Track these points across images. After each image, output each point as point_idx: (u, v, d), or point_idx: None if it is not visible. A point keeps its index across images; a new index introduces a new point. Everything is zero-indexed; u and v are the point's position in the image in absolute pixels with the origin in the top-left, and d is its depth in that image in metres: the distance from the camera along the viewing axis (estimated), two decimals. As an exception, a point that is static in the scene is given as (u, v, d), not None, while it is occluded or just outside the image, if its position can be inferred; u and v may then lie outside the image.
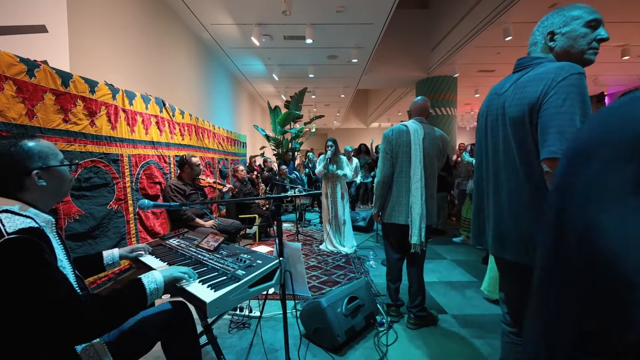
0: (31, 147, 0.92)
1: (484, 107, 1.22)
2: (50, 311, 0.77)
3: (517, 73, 1.10)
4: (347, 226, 4.04)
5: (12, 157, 0.89)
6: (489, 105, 1.18)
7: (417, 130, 2.03)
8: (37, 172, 0.92)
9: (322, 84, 8.86)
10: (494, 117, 1.13)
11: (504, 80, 1.16)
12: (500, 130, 1.10)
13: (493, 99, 1.16)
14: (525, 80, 1.02)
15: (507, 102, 1.06)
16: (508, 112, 1.05)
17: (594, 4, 1.06)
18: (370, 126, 17.34)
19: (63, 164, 1.00)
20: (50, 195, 0.97)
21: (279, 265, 1.35)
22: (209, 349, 1.52)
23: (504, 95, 1.09)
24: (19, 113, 1.61)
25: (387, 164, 2.09)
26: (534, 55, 1.08)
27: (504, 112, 1.08)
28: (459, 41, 5.87)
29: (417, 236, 1.98)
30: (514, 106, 1.03)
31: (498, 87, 1.16)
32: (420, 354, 1.88)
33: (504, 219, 1.10)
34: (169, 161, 3.12)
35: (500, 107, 1.10)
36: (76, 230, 1.94)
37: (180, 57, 4.87)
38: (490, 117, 1.16)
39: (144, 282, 1.00)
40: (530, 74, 1.02)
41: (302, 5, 4.47)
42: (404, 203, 2.05)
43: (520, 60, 1.11)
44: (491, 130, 1.15)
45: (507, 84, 1.11)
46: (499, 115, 1.11)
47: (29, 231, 0.81)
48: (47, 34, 2.17)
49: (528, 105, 0.98)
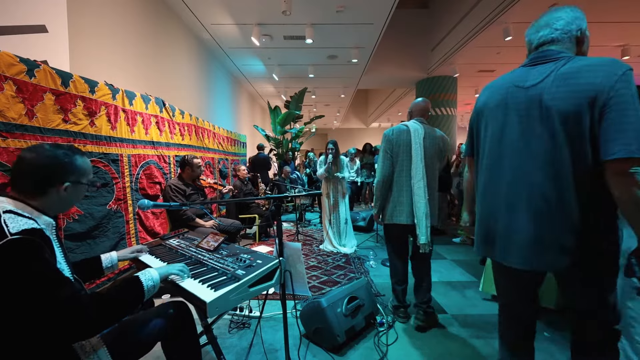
0: (79, 163, 1.00)
1: (497, 100, 1.10)
2: (52, 309, 0.78)
3: (544, 65, 1.00)
4: (348, 226, 4.05)
5: (63, 166, 0.96)
6: (507, 98, 1.06)
7: (417, 129, 2.03)
8: (68, 184, 0.97)
9: (322, 84, 8.86)
10: (522, 112, 1.01)
11: (521, 72, 1.06)
12: (536, 127, 0.98)
13: (513, 91, 1.04)
14: (572, 71, 0.93)
15: (548, 95, 0.95)
16: (554, 105, 0.93)
17: (595, 4, 1.06)
18: (370, 126, 17.34)
19: (90, 183, 1.05)
20: (61, 205, 1.01)
21: (279, 265, 1.35)
22: (209, 349, 1.52)
23: (538, 87, 0.98)
24: (18, 113, 1.61)
25: (387, 163, 2.08)
26: (558, 50, 1.01)
27: (542, 105, 0.96)
28: (459, 41, 5.87)
29: (424, 236, 1.97)
30: (563, 99, 0.92)
31: (517, 79, 1.05)
32: (420, 354, 1.88)
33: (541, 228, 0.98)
34: (168, 161, 3.11)
35: (533, 101, 0.99)
36: (75, 230, 1.93)
37: (181, 57, 4.87)
38: (513, 112, 1.03)
39: (141, 280, 1.03)
40: (575, 64, 0.94)
41: (302, 5, 4.47)
42: (404, 202, 2.04)
43: (543, 51, 1.03)
44: (517, 126, 1.03)
45: (535, 76, 1.00)
46: (532, 109, 0.99)
47: (31, 232, 0.83)
48: (47, 34, 2.17)
49: (587, 99, 0.88)
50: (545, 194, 0.97)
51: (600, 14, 4.73)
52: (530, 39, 1.09)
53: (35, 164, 0.93)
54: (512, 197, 1.05)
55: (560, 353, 1.81)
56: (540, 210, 0.98)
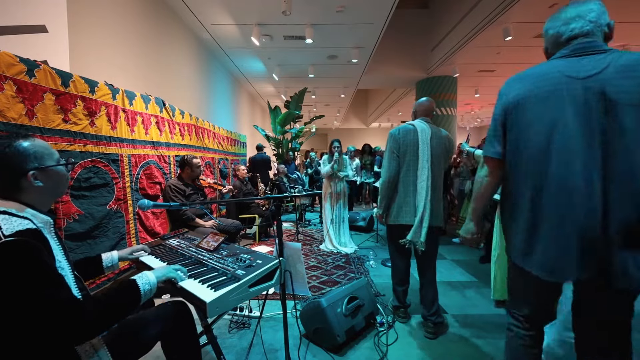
0: (26, 147, 0.91)
1: (546, 92, 0.98)
2: (48, 312, 0.77)
3: (594, 55, 0.95)
4: (345, 225, 4.06)
5: (7, 158, 0.88)
6: (561, 89, 0.96)
7: (424, 129, 2.00)
8: (33, 172, 0.91)
9: (322, 84, 8.86)
10: (580, 106, 0.93)
11: (567, 62, 0.98)
12: (602, 119, 0.90)
13: (567, 82, 0.95)
14: (632, 63, 0.89)
15: (612, 87, 0.89)
16: (621, 98, 0.88)
17: (595, 4, 1.05)
18: (370, 126, 17.34)
19: (59, 163, 0.99)
20: (47, 195, 0.97)
21: (279, 265, 1.35)
22: (209, 349, 1.52)
23: (598, 79, 0.91)
24: (18, 113, 1.61)
25: (394, 163, 2.04)
26: (599, 42, 0.97)
27: (606, 97, 0.90)
28: (459, 41, 5.87)
29: (414, 233, 1.93)
30: (631, 92, 0.87)
31: (567, 70, 0.96)
32: (420, 354, 1.88)
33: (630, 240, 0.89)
34: (168, 161, 3.11)
35: (592, 93, 0.91)
36: (75, 230, 1.94)
37: (181, 57, 4.87)
38: (571, 105, 0.94)
39: (138, 284, 1.02)
40: (632, 57, 0.90)
41: (302, 5, 4.47)
42: (411, 203, 1.99)
43: (586, 43, 0.97)
44: (579, 121, 0.93)
45: (588, 67, 0.93)
46: (592, 101, 0.91)
47: (26, 233, 0.81)
48: (47, 34, 2.17)
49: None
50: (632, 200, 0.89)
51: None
52: (559, 31, 1.02)
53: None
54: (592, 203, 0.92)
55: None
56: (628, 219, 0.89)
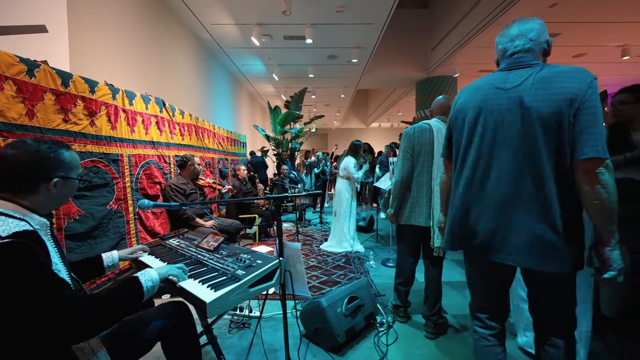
0: (65, 157, 0.96)
1: (477, 101, 1.14)
2: (47, 313, 0.77)
3: (521, 70, 1.07)
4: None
5: (48, 162, 0.93)
6: (486, 99, 1.11)
7: (440, 129, 1.94)
8: (57, 180, 0.94)
9: (322, 84, 8.86)
10: (502, 112, 1.07)
11: (500, 75, 1.11)
12: (517, 127, 1.04)
13: (494, 93, 1.10)
14: (549, 76, 1.00)
15: (529, 97, 1.01)
16: (534, 107, 1.00)
17: (595, 5, 1.06)
18: (370, 126, 17.34)
19: (78, 178, 1.03)
20: (53, 202, 0.99)
21: (279, 265, 1.35)
22: (209, 349, 1.52)
23: (518, 90, 1.04)
24: (19, 113, 1.61)
25: (408, 163, 2.00)
26: (532, 57, 1.09)
27: (523, 106, 1.02)
28: (459, 41, 5.87)
29: (440, 239, 1.86)
30: (543, 101, 0.99)
31: (496, 82, 1.11)
32: (420, 354, 1.88)
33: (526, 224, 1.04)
34: (169, 161, 3.11)
35: (513, 102, 1.05)
36: (76, 230, 1.93)
37: (181, 57, 4.87)
38: (493, 112, 1.09)
39: (141, 280, 1.02)
40: (551, 70, 1.01)
41: (302, 5, 4.47)
42: (423, 204, 1.96)
43: (519, 58, 1.10)
44: (496, 126, 1.09)
45: (513, 80, 1.07)
46: (512, 110, 1.05)
47: (23, 234, 0.81)
48: (47, 34, 2.17)
49: (564, 101, 0.96)
50: (531, 193, 1.03)
51: (600, 14, 4.73)
52: (505, 47, 1.15)
53: (19, 161, 0.89)
54: (501, 197, 1.09)
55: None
56: (529, 209, 1.03)
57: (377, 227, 4.79)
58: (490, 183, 1.11)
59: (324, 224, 5.58)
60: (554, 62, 1.07)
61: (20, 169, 0.89)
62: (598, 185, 0.93)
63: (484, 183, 1.13)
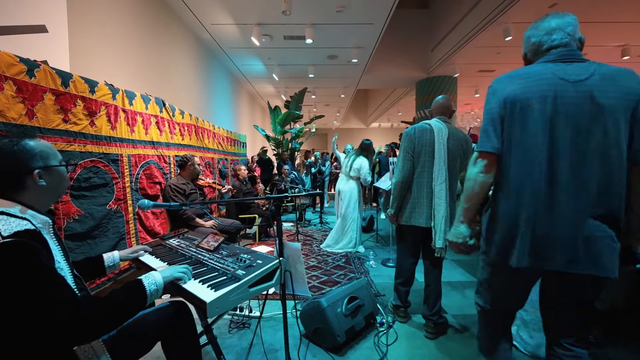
0: (33, 146, 0.93)
1: (543, 91, 1.01)
2: (48, 313, 0.76)
3: (579, 63, 1.02)
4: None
5: (15, 156, 0.89)
6: (556, 90, 1.00)
7: (441, 129, 1.93)
8: (38, 171, 0.92)
9: (322, 84, 8.86)
10: (571, 107, 0.99)
11: (558, 67, 1.02)
12: (589, 123, 0.97)
13: (561, 84, 1.00)
14: (612, 73, 0.98)
15: (600, 93, 0.96)
16: (607, 103, 0.95)
17: (595, 5, 1.07)
18: (370, 126, 17.35)
19: (62, 164, 1.00)
20: (48, 195, 0.97)
21: (279, 265, 1.35)
22: (209, 349, 1.52)
23: (587, 84, 0.98)
24: (18, 113, 1.61)
25: (408, 164, 1.98)
26: (580, 53, 1.06)
27: (594, 102, 0.96)
28: (459, 41, 5.87)
29: (442, 240, 1.89)
30: (615, 98, 0.95)
31: (560, 72, 1.01)
32: (420, 354, 1.88)
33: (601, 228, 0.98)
34: (168, 161, 3.11)
35: (584, 97, 0.97)
36: (75, 230, 1.93)
37: (181, 57, 4.87)
38: (563, 105, 0.99)
39: (144, 284, 1.00)
40: (610, 69, 0.99)
41: (302, 5, 4.47)
42: (424, 204, 1.95)
43: (571, 51, 1.05)
44: (564, 121, 0.99)
45: (576, 72, 1.00)
46: (583, 105, 0.98)
47: (25, 234, 0.80)
48: (47, 34, 2.17)
49: (633, 102, 0.95)
50: (607, 190, 0.98)
51: (600, 14, 4.73)
52: (540, 40, 1.09)
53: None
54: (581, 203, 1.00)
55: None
56: (604, 208, 0.98)
57: (377, 227, 4.79)
58: (567, 187, 1.00)
59: (324, 224, 5.58)
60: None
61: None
62: None
63: (559, 187, 1.01)
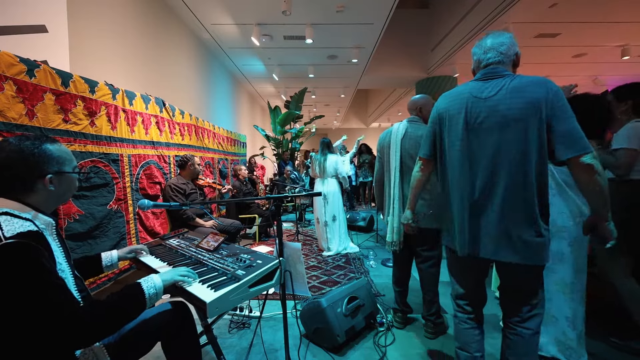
0: (53, 151, 0.94)
1: (457, 108, 1.26)
2: (48, 317, 0.76)
3: (494, 80, 1.20)
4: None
5: (34, 159, 0.90)
6: (467, 106, 1.24)
7: (398, 130, 2.01)
8: (50, 177, 0.92)
9: (322, 84, 8.85)
10: (481, 119, 1.20)
11: (477, 85, 1.24)
12: (495, 133, 1.17)
13: (473, 101, 1.23)
14: (520, 86, 1.13)
15: (504, 105, 1.15)
16: (509, 114, 1.13)
17: (595, 4, 1.07)
18: (370, 126, 17.33)
19: (75, 171, 1.01)
20: (54, 199, 0.97)
21: (279, 265, 1.35)
22: (209, 349, 1.52)
23: (494, 99, 1.17)
24: (19, 113, 1.61)
25: (378, 165, 2.19)
26: (504, 69, 1.22)
27: (499, 113, 1.16)
28: (459, 41, 5.86)
29: (390, 234, 2.03)
30: (516, 109, 1.12)
31: (474, 91, 1.24)
32: (420, 353, 1.88)
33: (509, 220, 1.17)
34: (168, 161, 3.11)
35: (491, 110, 1.17)
36: (76, 230, 1.94)
37: (180, 57, 4.87)
38: (474, 119, 1.22)
39: (143, 287, 0.98)
40: (521, 81, 1.14)
41: (302, 5, 4.47)
42: (387, 204, 2.11)
43: (492, 70, 1.23)
44: (477, 132, 1.21)
45: (489, 89, 1.20)
46: (491, 117, 1.18)
47: (27, 235, 0.80)
48: (47, 34, 2.17)
49: (534, 108, 1.09)
50: (515, 190, 1.15)
51: (601, 14, 4.73)
52: (479, 58, 1.30)
53: (4, 163, 0.87)
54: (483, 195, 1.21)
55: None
56: (511, 204, 1.16)
57: (377, 227, 4.80)
58: (483, 190, 1.21)
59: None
60: (555, 62, 1.10)
61: (8, 170, 0.87)
62: (596, 175, 1.05)
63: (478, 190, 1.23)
